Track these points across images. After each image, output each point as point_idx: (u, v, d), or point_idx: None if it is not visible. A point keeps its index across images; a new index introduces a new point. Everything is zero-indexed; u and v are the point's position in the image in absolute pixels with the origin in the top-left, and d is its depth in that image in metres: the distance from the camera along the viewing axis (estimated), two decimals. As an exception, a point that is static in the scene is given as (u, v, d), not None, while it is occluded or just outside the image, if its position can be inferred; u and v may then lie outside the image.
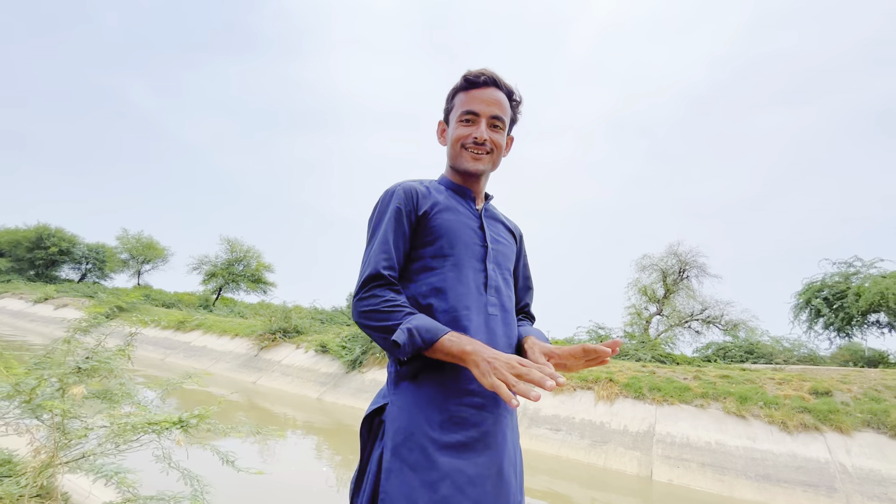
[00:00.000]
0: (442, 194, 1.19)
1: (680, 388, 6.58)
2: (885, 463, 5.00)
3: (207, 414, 1.46)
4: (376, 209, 1.16)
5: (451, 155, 1.22)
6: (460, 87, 1.20)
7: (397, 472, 0.92)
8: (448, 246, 1.12)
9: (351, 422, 7.10)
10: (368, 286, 1.05)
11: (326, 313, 16.32)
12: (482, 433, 0.99)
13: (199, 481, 1.40)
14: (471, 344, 0.94)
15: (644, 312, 21.52)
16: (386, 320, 0.99)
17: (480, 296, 1.10)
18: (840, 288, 11.66)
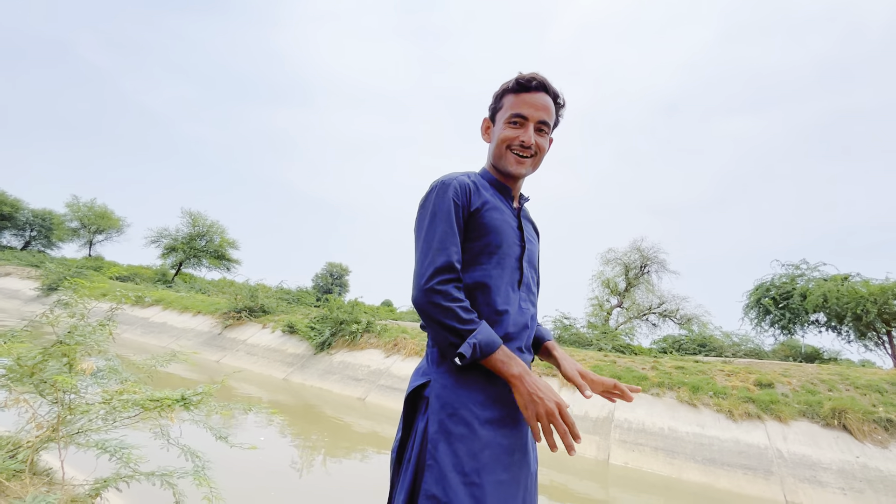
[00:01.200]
0: (488, 192, 1.22)
1: (638, 377, 6.93)
2: (816, 449, 5.50)
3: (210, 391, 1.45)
4: (434, 199, 1.15)
5: (495, 154, 1.25)
6: (510, 90, 1.22)
7: (444, 442, 1.01)
8: (495, 244, 1.16)
9: (318, 402, 7.08)
10: (444, 275, 1.07)
11: (293, 293, 16.04)
12: (513, 410, 1.10)
13: (200, 457, 1.39)
14: (518, 367, 1.03)
15: (606, 304, 22.34)
16: (460, 324, 1.03)
17: (515, 293, 1.18)
18: (786, 289, 12.50)
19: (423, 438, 1.03)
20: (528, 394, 0.99)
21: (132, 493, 1.43)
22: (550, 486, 4.60)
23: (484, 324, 1.05)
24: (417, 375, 1.12)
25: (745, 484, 5.16)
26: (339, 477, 4.00)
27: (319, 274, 32.87)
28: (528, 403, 0.99)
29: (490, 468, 1.02)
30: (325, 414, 6.52)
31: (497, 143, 1.23)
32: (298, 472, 3.90)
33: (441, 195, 1.15)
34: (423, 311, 1.06)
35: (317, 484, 3.74)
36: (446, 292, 1.05)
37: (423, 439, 1.03)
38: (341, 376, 8.30)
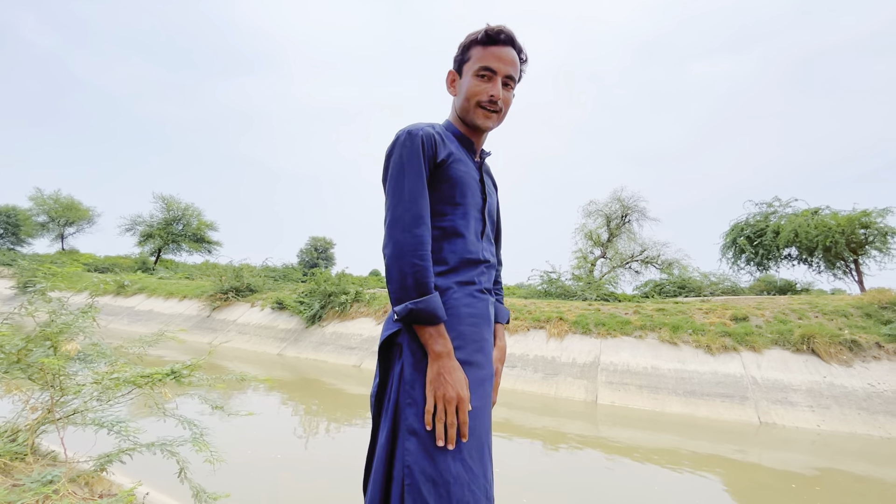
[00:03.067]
0: (453, 143, 1.24)
1: (622, 322, 7.22)
2: (787, 373, 5.87)
3: (199, 364, 1.49)
4: (400, 150, 1.15)
5: (462, 107, 1.25)
6: (478, 41, 1.21)
7: (420, 382, 1.07)
8: (460, 195, 1.20)
9: (315, 373, 7.23)
10: (414, 229, 1.09)
11: (279, 271, 15.95)
12: (479, 347, 1.17)
13: (197, 425, 1.45)
14: (442, 348, 1.06)
15: (590, 256, 22.78)
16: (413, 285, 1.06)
17: (478, 243, 1.23)
18: (760, 227, 12.87)
19: (400, 381, 1.08)
20: (438, 373, 1.03)
21: (137, 466, 1.49)
22: (544, 431, 4.86)
23: (434, 297, 1.07)
24: (389, 324, 1.16)
25: (723, 411, 5.53)
26: (342, 440, 4.16)
27: (304, 249, 32.58)
28: (434, 381, 1.03)
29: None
30: (322, 383, 6.67)
31: (465, 96, 1.22)
32: (302, 439, 4.04)
33: (408, 146, 1.15)
34: (387, 258, 1.09)
35: (320, 447, 3.90)
36: (414, 247, 1.07)
37: (399, 382, 1.08)
38: (335, 346, 8.44)
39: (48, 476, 1.19)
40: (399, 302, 1.05)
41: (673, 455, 4.25)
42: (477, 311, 1.19)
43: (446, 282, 1.15)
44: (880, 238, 10.83)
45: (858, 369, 5.80)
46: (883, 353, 5.98)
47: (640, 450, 4.34)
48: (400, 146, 1.15)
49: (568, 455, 4.17)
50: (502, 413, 5.44)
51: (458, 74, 1.27)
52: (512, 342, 7.32)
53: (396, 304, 1.06)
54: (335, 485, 3.01)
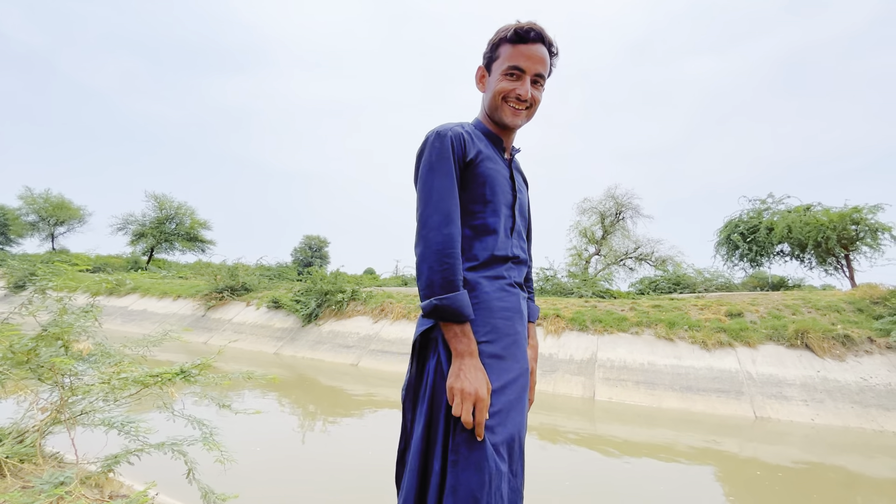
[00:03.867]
0: (482, 142, 1.24)
1: (618, 319, 7.26)
2: (782, 368, 5.95)
3: (208, 364, 1.48)
4: (432, 151, 1.16)
5: (490, 105, 1.26)
6: (507, 39, 1.21)
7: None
8: (490, 193, 1.21)
9: (312, 372, 7.21)
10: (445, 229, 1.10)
11: (274, 269, 15.88)
12: (514, 340, 1.18)
13: (207, 425, 1.44)
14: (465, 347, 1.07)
15: (584, 253, 22.89)
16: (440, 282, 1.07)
17: (508, 239, 1.25)
18: (753, 223, 13.00)
19: (436, 374, 1.10)
20: (458, 370, 1.05)
21: (144, 467, 1.47)
22: (541, 427, 4.88)
23: (460, 295, 1.07)
24: (423, 320, 1.16)
25: (719, 405, 5.59)
26: (345, 439, 4.16)
27: (298, 248, 32.43)
28: (454, 377, 1.04)
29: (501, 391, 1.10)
30: (320, 382, 6.66)
31: (493, 94, 1.24)
32: (305, 438, 4.03)
33: (438, 147, 1.16)
34: (419, 257, 1.10)
35: (323, 446, 3.89)
36: (443, 245, 1.08)
37: (435, 375, 1.10)
38: (332, 345, 8.42)
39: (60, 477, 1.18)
40: (426, 298, 1.07)
41: (670, 450, 4.29)
42: (509, 305, 1.20)
43: (476, 276, 1.17)
44: (871, 234, 10.97)
45: (851, 363, 5.89)
46: (875, 347, 6.07)
47: (638, 445, 4.37)
48: (430, 147, 1.17)
49: (566, 451, 4.20)
50: (501, 410, 5.47)
51: (487, 71, 1.27)
52: (509, 339, 7.35)
53: (423, 300, 1.07)
54: (341, 485, 3.01)
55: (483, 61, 1.28)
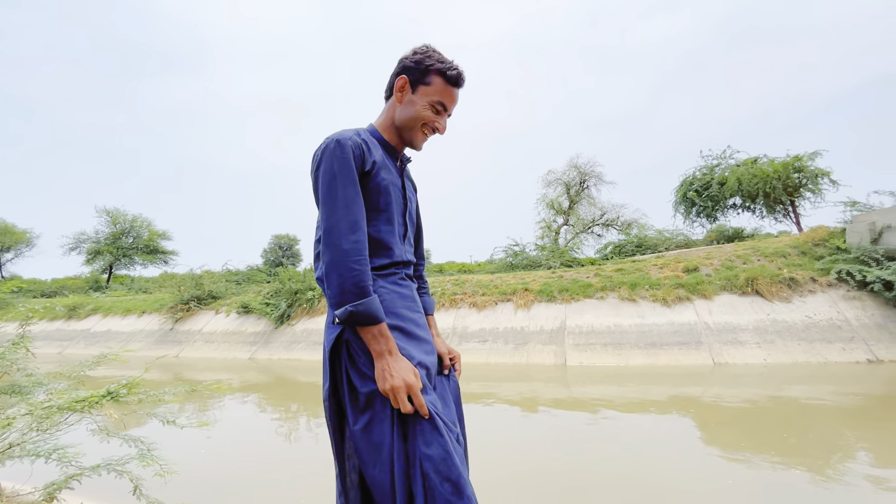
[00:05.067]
0: (378, 151, 1.29)
1: (584, 286, 7.49)
2: (735, 315, 6.30)
3: (136, 383, 1.47)
4: (331, 159, 1.18)
5: (405, 124, 1.31)
6: (442, 74, 1.28)
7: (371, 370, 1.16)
8: (385, 203, 1.26)
9: (290, 374, 7.18)
10: (354, 236, 1.13)
11: (242, 273, 15.52)
12: (417, 323, 1.29)
13: (143, 441, 1.44)
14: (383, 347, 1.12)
15: (553, 224, 23.30)
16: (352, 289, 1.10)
17: (401, 246, 1.32)
18: (707, 179, 13.50)
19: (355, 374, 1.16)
20: (381, 370, 1.10)
21: (90, 491, 1.47)
22: (520, 399, 5.04)
23: (374, 299, 1.12)
24: (331, 328, 1.19)
25: (681, 357, 5.90)
26: (325, 435, 4.19)
27: (268, 249, 31.72)
28: (380, 377, 1.10)
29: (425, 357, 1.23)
30: (298, 381, 6.64)
31: (414, 118, 1.29)
32: (286, 438, 4.04)
33: (339, 155, 1.18)
34: (327, 265, 1.11)
35: (301, 446, 3.92)
36: (352, 253, 1.11)
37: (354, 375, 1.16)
38: (307, 343, 8.38)
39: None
40: (339, 306, 1.09)
41: (641, 403, 4.52)
42: (407, 294, 1.30)
43: (377, 281, 1.24)
44: (812, 180, 11.59)
45: (797, 304, 6.29)
46: (817, 286, 6.50)
47: (612, 402, 4.59)
48: (330, 154, 1.18)
49: (547, 416, 4.36)
50: (477, 387, 5.61)
51: (410, 87, 1.30)
52: (481, 317, 7.49)
53: (337, 308, 1.10)
54: (312, 481, 3.05)
55: (409, 75, 1.29)
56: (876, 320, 5.88)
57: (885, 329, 5.77)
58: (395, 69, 1.32)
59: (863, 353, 5.54)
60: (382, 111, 1.36)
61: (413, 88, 1.29)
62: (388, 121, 1.33)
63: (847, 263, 6.50)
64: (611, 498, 2.57)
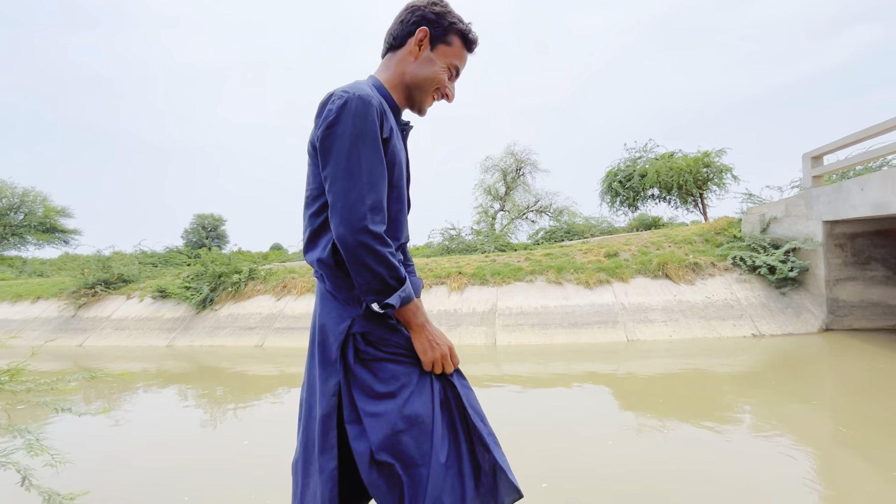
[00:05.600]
0: (390, 115, 1.11)
1: (515, 270, 7.79)
2: (648, 297, 6.90)
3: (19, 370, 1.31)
4: (354, 118, 0.99)
5: (419, 84, 1.16)
6: (463, 36, 1.17)
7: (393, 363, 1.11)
8: (397, 177, 1.12)
9: (212, 359, 6.79)
10: (377, 215, 0.99)
11: (159, 255, 14.31)
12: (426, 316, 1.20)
13: (31, 431, 1.30)
14: (422, 317, 1.09)
15: (490, 210, 23.86)
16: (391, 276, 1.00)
17: (406, 225, 1.21)
18: (629, 171, 14.48)
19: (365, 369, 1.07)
20: (427, 341, 1.07)
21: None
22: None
23: (408, 282, 1.05)
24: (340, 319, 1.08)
25: (600, 335, 6.37)
26: (253, 421, 4.04)
27: (189, 229, 29.48)
28: (426, 349, 1.07)
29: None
30: (223, 368, 6.31)
31: (430, 77, 1.15)
32: (212, 427, 3.84)
33: (364, 115, 1.00)
34: (351, 251, 0.97)
35: (233, 433, 3.75)
36: (380, 236, 0.98)
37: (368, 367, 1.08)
38: (232, 329, 7.96)
39: None
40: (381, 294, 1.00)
41: (564, 378, 4.84)
42: (418, 286, 1.23)
43: None
44: (718, 175, 12.85)
45: (699, 286, 7.02)
46: (716, 270, 7.28)
47: (537, 378, 4.86)
48: (354, 112, 0.99)
49: (478, 393, 4.52)
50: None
51: (430, 44, 1.15)
52: (416, 300, 7.55)
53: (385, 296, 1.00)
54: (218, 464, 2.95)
55: (430, 29, 1.14)
56: (761, 300, 6.73)
57: (768, 308, 6.62)
58: (409, 17, 1.14)
59: (749, 328, 6.32)
60: (388, 64, 1.17)
61: (432, 46, 1.15)
62: (397, 77, 1.16)
63: (741, 250, 7.33)
64: (535, 460, 2.75)
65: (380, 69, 1.19)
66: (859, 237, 6.49)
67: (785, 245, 6.88)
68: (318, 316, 1.12)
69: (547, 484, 2.45)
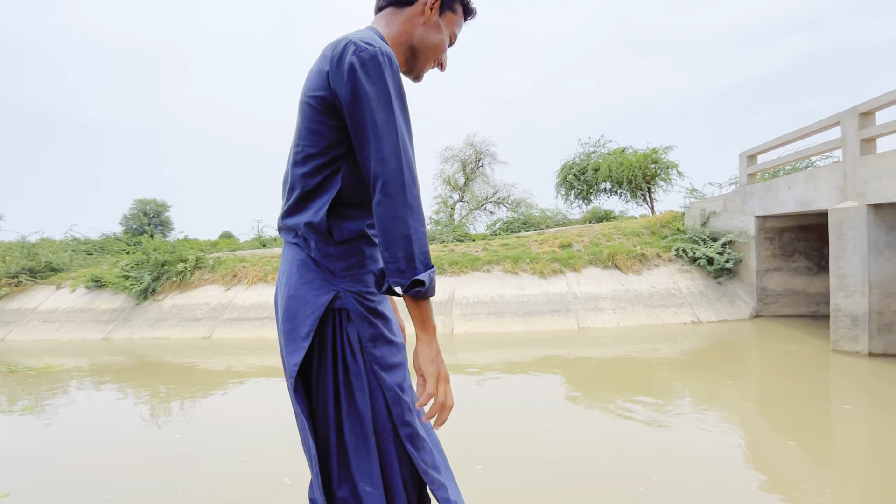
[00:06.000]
0: None
1: (472, 259, 7.88)
2: (598, 286, 7.19)
3: None
4: (390, 77, 0.90)
5: (425, 50, 1.09)
6: (464, 5, 1.12)
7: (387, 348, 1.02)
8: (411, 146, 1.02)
9: (155, 353, 6.43)
10: (418, 190, 0.89)
11: (94, 242, 13.29)
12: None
13: None
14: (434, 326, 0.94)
15: (449, 200, 23.92)
16: (422, 251, 0.87)
17: None
18: (583, 165, 14.94)
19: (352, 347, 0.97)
20: (437, 352, 0.91)
21: None
22: (409, 367, 5.19)
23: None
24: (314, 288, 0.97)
25: (553, 323, 6.59)
26: (201, 418, 3.86)
27: (129, 215, 27.64)
28: (434, 360, 0.90)
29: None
30: (166, 361, 5.99)
31: (437, 45, 1.08)
32: (157, 425, 3.63)
33: (394, 73, 0.90)
34: (397, 224, 0.85)
35: (181, 429, 3.57)
36: (420, 209, 0.89)
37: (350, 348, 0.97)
38: (178, 320, 7.56)
39: None
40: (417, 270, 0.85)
41: (519, 364, 4.97)
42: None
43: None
44: (664, 171, 13.52)
45: (645, 276, 7.39)
46: (661, 261, 7.70)
47: (493, 365, 4.96)
48: (384, 68, 0.88)
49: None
50: (367, 358, 5.63)
51: (440, 12, 1.08)
52: (373, 290, 7.48)
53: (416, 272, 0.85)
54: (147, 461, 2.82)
55: None
56: (700, 289, 7.19)
57: (706, 296, 7.09)
58: None
59: (689, 315, 6.75)
60: (393, 20, 1.07)
61: (441, 11, 1.08)
62: (402, 36, 1.06)
63: (683, 242, 7.79)
64: (493, 442, 2.82)
65: (381, 22, 1.08)
66: (786, 231, 7.07)
67: (722, 238, 7.37)
68: (291, 286, 0.99)
69: (481, 466, 2.52)
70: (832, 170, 5.27)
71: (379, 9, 1.09)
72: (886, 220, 4.71)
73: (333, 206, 0.96)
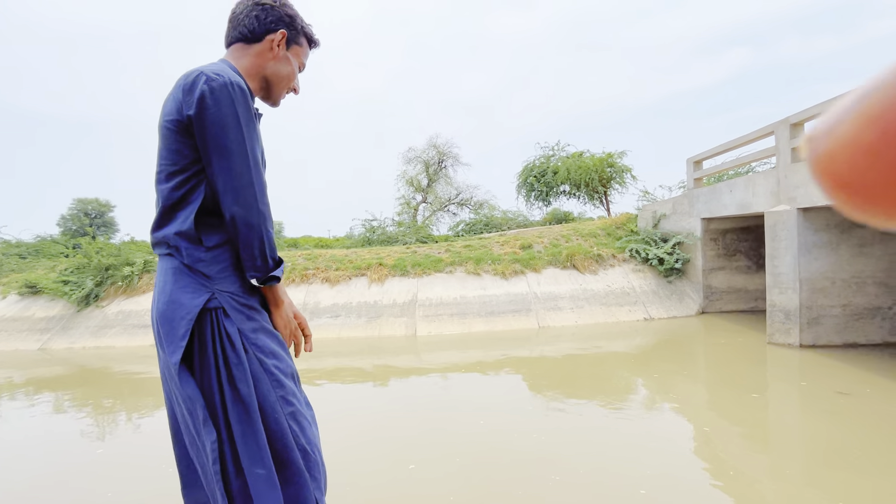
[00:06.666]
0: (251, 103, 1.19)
1: (435, 261, 7.91)
2: (557, 286, 7.40)
3: None
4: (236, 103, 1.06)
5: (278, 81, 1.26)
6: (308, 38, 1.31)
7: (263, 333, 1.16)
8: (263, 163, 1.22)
9: (99, 363, 6.04)
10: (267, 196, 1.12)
11: (28, 245, 12.33)
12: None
13: None
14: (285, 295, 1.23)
15: (412, 202, 23.86)
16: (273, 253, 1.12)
17: None
18: (543, 168, 15.32)
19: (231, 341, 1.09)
20: (287, 317, 1.20)
21: None
22: (374, 370, 5.13)
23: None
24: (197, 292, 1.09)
25: (514, 322, 6.72)
26: (154, 433, 3.66)
27: (68, 216, 25.79)
28: (287, 324, 1.20)
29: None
30: (112, 371, 5.64)
31: (288, 75, 1.26)
32: (100, 440, 3.41)
33: (241, 99, 1.07)
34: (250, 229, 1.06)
35: (130, 446, 3.36)
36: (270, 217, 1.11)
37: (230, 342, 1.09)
38: (124, 327, 7.14)
39: None
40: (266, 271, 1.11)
41: (481, 363, 5.03)
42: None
43: None
44: (619, 174, 14.08)
45: (601, 276, 7.68)
46: (616, 261, 8.02)
47: (457, 365, 5.00)
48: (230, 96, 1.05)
49: (399, 384, 4.53)
50: (330, 363, 5.54)
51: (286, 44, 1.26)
52: (334, 292, 7.35)
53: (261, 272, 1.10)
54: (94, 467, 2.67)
55: (288, 32, 1.24)
56: (652, 287, 7.55)
57: (657, 294, 7.45)
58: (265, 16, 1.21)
59: (642, 313, 7.07)
60: (243, 54, 1.22)
61: (288, 46, 1.26)
62: (254, 69, 1.23)
63: (636, 243, 8.15)
64: (457, 440, 2.85)
65: (233, 55, 1.23)
66: (729, 232, 7.54)
67: (672, 239, 7.78)
68: (167, 292, 1.10)
69: (414, 465, 2.56)
70: (768, 176, 5.69)
71: (229, 43, 1.24)
72: (815, 222, 5.13)
73: (200, 216, 1.08)
